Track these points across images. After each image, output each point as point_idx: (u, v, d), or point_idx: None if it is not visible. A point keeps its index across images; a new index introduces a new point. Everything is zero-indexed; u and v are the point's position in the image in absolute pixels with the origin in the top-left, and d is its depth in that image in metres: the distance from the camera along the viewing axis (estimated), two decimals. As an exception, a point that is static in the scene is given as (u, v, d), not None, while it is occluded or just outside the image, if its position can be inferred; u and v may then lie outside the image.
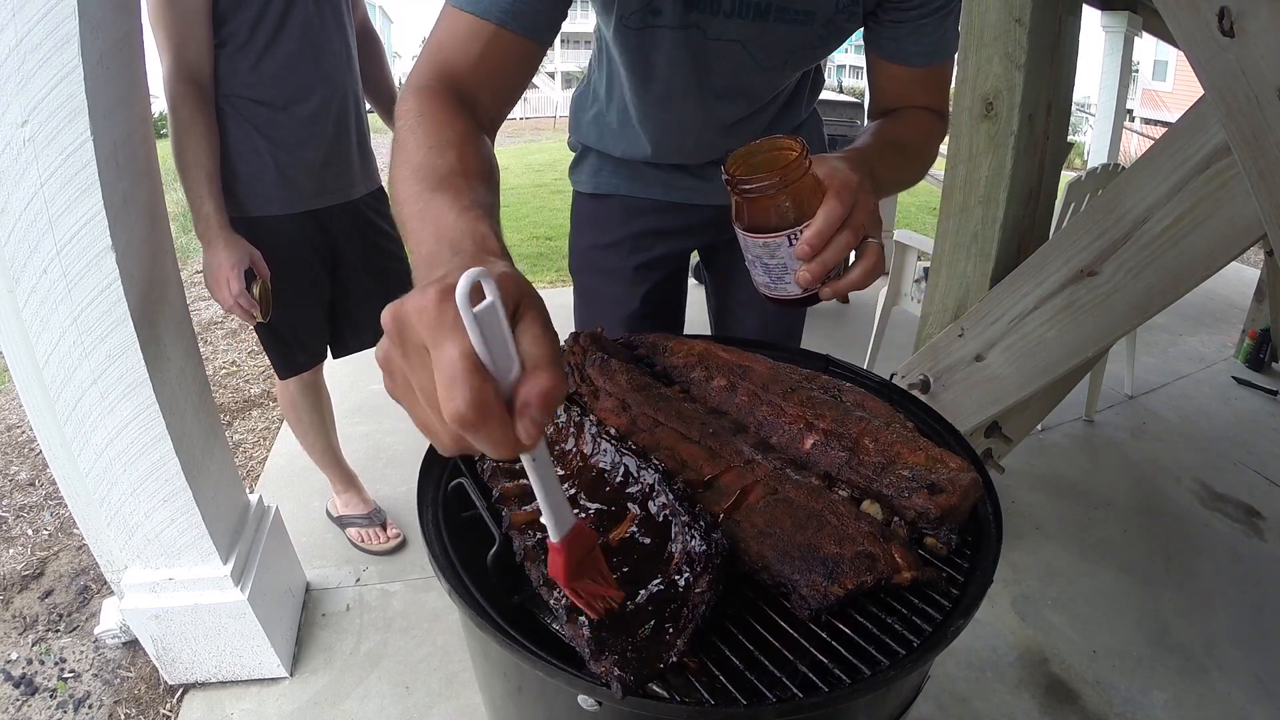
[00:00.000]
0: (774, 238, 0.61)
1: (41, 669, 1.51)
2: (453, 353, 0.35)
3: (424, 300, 0.36)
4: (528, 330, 0.38)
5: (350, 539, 1.86)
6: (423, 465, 0.75)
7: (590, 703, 0.52)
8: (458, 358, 0.35)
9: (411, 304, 0.37)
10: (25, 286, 1.05)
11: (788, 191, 0.60)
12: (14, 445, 2.39)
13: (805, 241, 0.60)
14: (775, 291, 0.66)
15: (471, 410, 0.34)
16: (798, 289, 0.64)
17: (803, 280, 0.62)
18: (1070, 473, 2.26)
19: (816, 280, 0.62)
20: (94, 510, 1.25)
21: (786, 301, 0.67)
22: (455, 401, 0.34)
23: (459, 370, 0.35)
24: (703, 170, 1.07)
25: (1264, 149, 0.88)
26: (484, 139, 0.64)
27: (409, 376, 0.38)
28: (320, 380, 1.72)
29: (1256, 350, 2.99)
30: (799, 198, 0.60)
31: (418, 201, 0.53)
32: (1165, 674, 1.52)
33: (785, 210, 0.60)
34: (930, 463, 0.65)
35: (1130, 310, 1.13)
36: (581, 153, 1.15)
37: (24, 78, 0.94)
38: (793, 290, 0.64)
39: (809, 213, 0.60)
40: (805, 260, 0.61)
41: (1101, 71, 4.24)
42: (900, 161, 0.81)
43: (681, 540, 0.58)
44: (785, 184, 0.59)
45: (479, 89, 0.67)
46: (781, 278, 0.64)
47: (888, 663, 0.52)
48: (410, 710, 1.40)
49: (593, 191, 1.14)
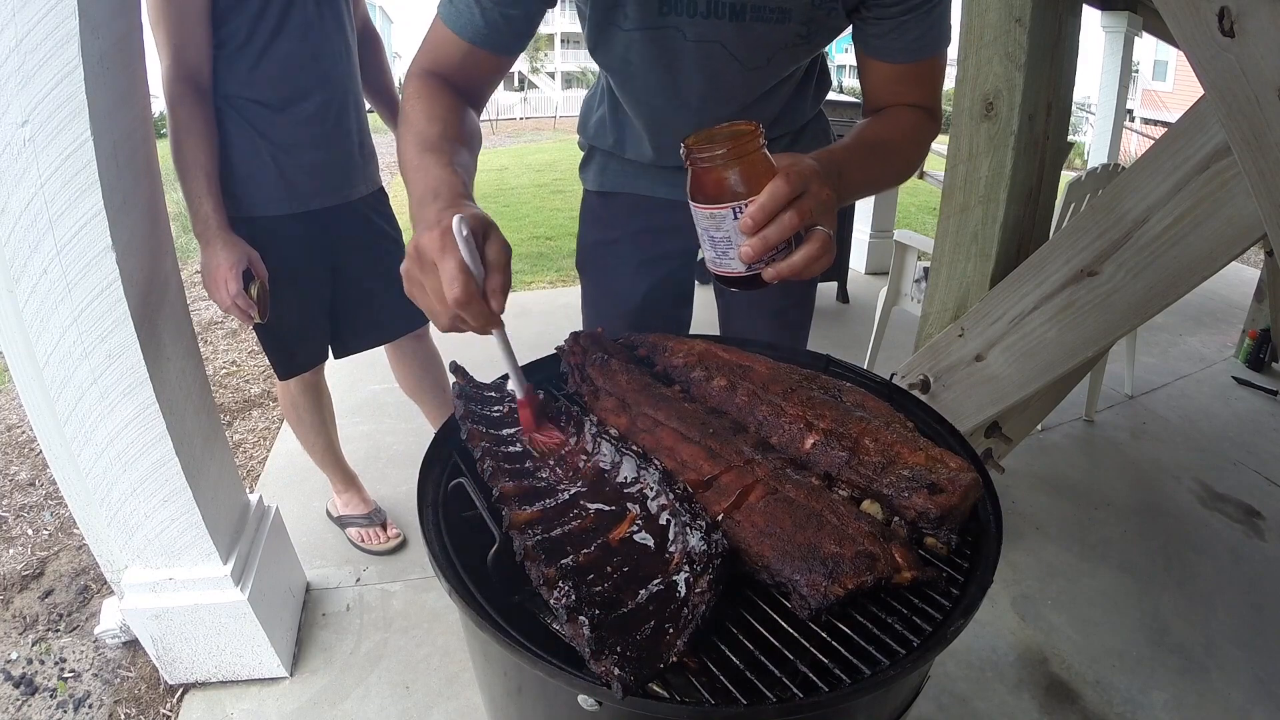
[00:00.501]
0: (720, 208, 0.63)
1: (41, 669, 1.51)
2: (450, 264, 0.60)
3: (430, 236, 0.61)
4: (491, 247, 0.63)
5: (350, 539, 1.86)
6: (423, 465, 0.75)
7: (590, 703, 0.52)
8: (454, 267, 0.60)
9: (424, 238, 0.61)
10: (25, 286, 1.05)
11: (737, 165, 0.62)
12: (14, 445, 2.39)
13: (748, 215, 0.62)
14: (720, 267, 0.68)
15: (463, 294, 0.60)
16: (741, 265, 0.65)
17: (744, 255, 0.63)
18: (1070, 473, 2.26)
19: (757, 255, 0.63)
20: (94, 510, 1.25)
21: (731, 280, 0.68)
22: (454, 290, 0.60)
23: (454, 273, 0.59)
24: None
25: (1264, 149, 0.88)
26: (468, 112, 0.83)
27: (423, 281, 0.62)
28: (321, 380, 1.72)
29: (1256, 350, 2.99)
30: (748, 173, 0.62)
31: (415, 159, 0.74)
32: (1165, 674, 1.52)
33: (733, 183, 0.62)
34: (930, 463, 0.65)
35: (1130, 310, 1.13)
36: (589, 152, 1.18)
37: (24, 78, 0.94)
38: (736, 266, 0.66)
39: (757, 190, 0.61)
40: (748, 235, 0.63)
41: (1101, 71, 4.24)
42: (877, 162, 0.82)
43: (682, 540, 0.58)
44: (735, 156, 0.62)
45: (460, 82, 0.85)
46: (726, 252, 0.66)
47: (888, 663, 0.52)
48: (410, 710, 1.40)
49: (599, 189, 1.17)
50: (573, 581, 0.55)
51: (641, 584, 0.56)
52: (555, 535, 0.62)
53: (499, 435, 0.76)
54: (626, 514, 0.64)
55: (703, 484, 0.66)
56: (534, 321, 3.45)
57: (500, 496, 0.66)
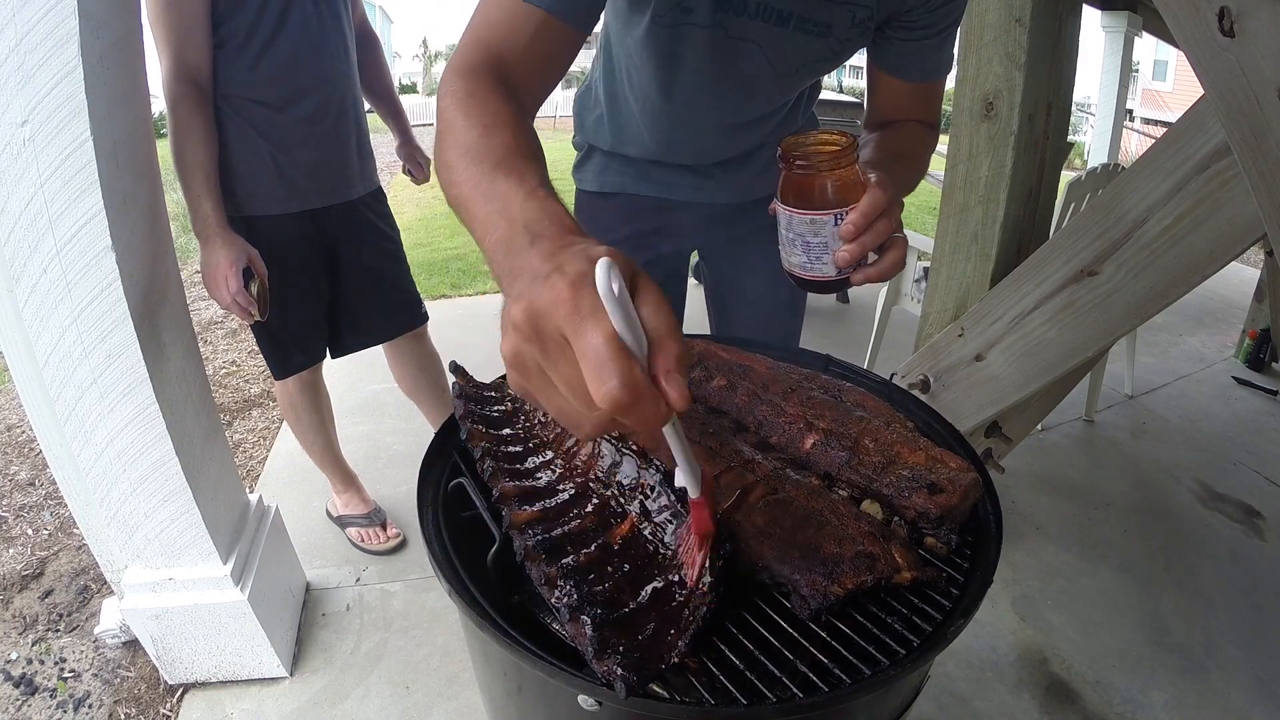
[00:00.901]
0: (822, 214, 0.65)
1: (41, 669, 1.51)
2: (597, 339, 0.35)
3: (557, 292, 0.37)
4: (646, 302, 0.38)
5: (350, 539, 1.86)
6: (423, 465, 0.75)
7: (590, 703, 0.52)
8: (603, 343, 0.35)
9: (545, 298, 0.37)
10: (25, 286, 1.05)
11: (836, 174, 0.64)
12: (14, 445, 2.39)
13: (850, 221, 0.64)
14: (810, 271, 0.69)
15: (625, 391, 0.35)
16: (833, 269, 0.67)
17: (841, 260, 0.66)
18: (1070, 473, 2.26)
19: (855, 260, 0.66)
20: (94, 510, 1.25)
21: (818, 283, 0.70)
22: (609, 385, 0.35)
23: (606, 355, 0.35)
24: (707, 170, 1.09)
25: (1264, 149, 0.88)
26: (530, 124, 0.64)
27: (546, 370, 0.38)
28: (319, 380, 1.72)
29: (1256, 350, 2.98)
30: (844, 182, 0.65)
31: (479, 182, 0.53)
32: (1165, 674, 1.52)
33: (832, 191, 0.65)
34: (930, 463, 0.65)
35: (1130, 310, 1.13)
36: (587, 152, 1.17)
37: (24, 77, 0.94)
38: (828, 271, 0.68)
39: (850, 199, 0.64)
40: (848, 240, 0.65)
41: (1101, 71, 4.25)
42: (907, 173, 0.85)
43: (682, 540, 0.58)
44: (836, 165, 0.64)
45: (525, 73, 0.67)
46: (820, 257, 0.68)
47: (888, 663, 0.52)
48: (410, 710, 1.40)
49: (597, 190, 1.16)
50: (574, 581, 0.55)
51: (642, 584, 0.56)
52: (555, 535, 0.62)
53: (499, 435, 0.76)
54: (627, 514, 0.64)
55: (703, 484, 0.66)
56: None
57: (500, 497, 0.66)
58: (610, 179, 1.14)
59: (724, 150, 1.05)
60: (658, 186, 1.11)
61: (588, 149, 1.16)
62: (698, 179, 1.10)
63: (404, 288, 1.74)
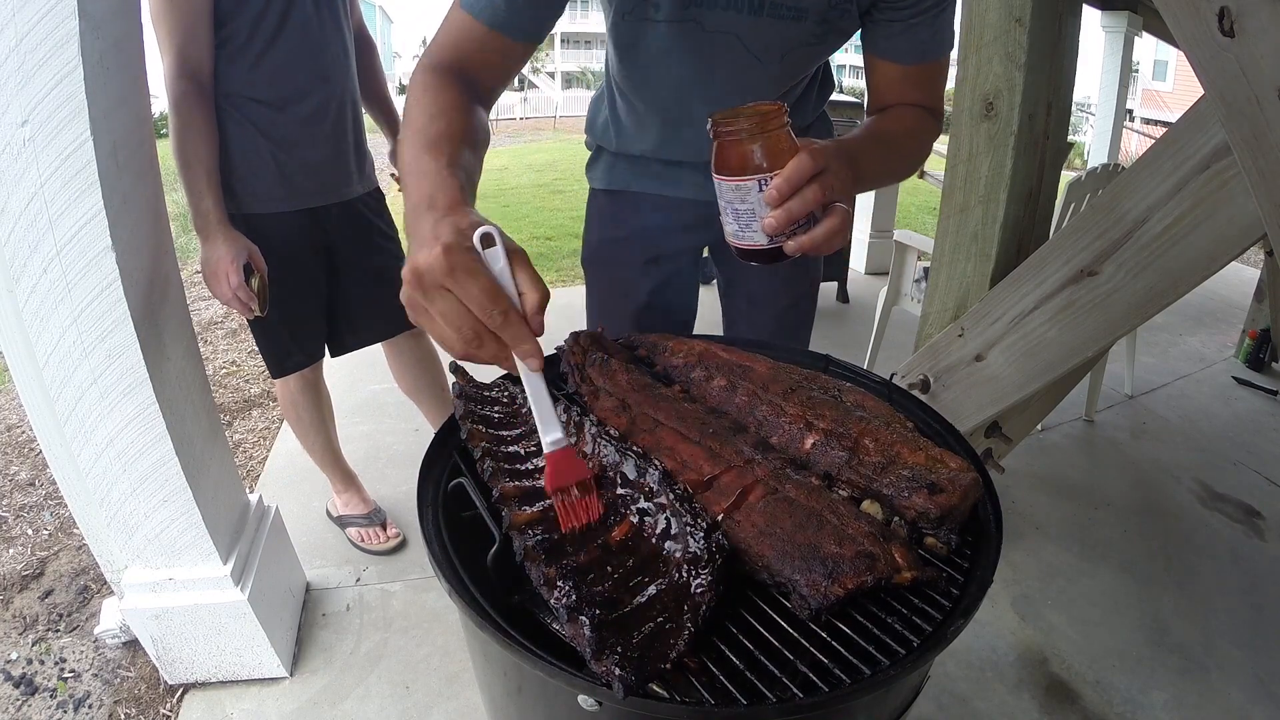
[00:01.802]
0: (745, 180, 0.65)
1: (41, 669, 1.51)
2: (475, 287, 0.51)
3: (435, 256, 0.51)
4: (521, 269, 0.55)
5: (350, 539, 1.86)
6: (423, 465, 0.75)
7: (590, 703, 0.52)
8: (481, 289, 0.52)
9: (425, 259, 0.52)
10: (25, 286, 1.05)
11: (762, 139, 0.64)
12: (14, 445, 2.39)
13: (774, 187, 0.63)
14: (742, 240, 0.69)
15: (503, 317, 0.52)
16: (764, 238, 0.67)
17: (768, 226, 0.65)
18: (1070, 473, 2.26)
19: (781, 227, 0.64)
20: (94, 510, 1.25)
21: (753, 252, 0.70)
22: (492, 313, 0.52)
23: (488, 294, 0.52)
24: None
25: (1264, 149, 0.88)
26: (476, 109, 0.77)
27: (429, 309, 0.53)
28: (320, 379, 1.72)
29: (1256, 350, 2.98)
30: (773, 149, 0.64)
31: (414, 159, 0.66)
32: (1165, 674, 1.52)
33: (758, 157, 0.64)
34: (930, 463, 0.65)
35: (1130, 310, 1.13)
36: (596, 151, 1.19)
37: (24, 78, 0.94)
38: (759, 239, 0.67)
39: (777, 165, 0.63)
40: (773, 206, 0.64)
41: (1101, 71, 4.25)
42: (886, 154, 0.84)
43: (682, 541, 0.58)
44: (760, 130, 0.63)
45: (478, 71, 0.80)
46: (750, 225, 0.67)
47: (888, 663, 0.52)
48: (410, 710, 1.40)
49: (606, 187, 1.18)
50: (573, 581, 0.55)
51: (642, 585, 0.56)
52: (555, 536, 0.62)
53: (499, 435, 0.76)
54: (626, 516, 0.64)
55: (703, 484, 0.66)
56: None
57: (500, 497, 0.66)
58: (618, 177, 1.16)
59: None
60: (664, 184, 1.13)
61: (596, 149, 1.19)
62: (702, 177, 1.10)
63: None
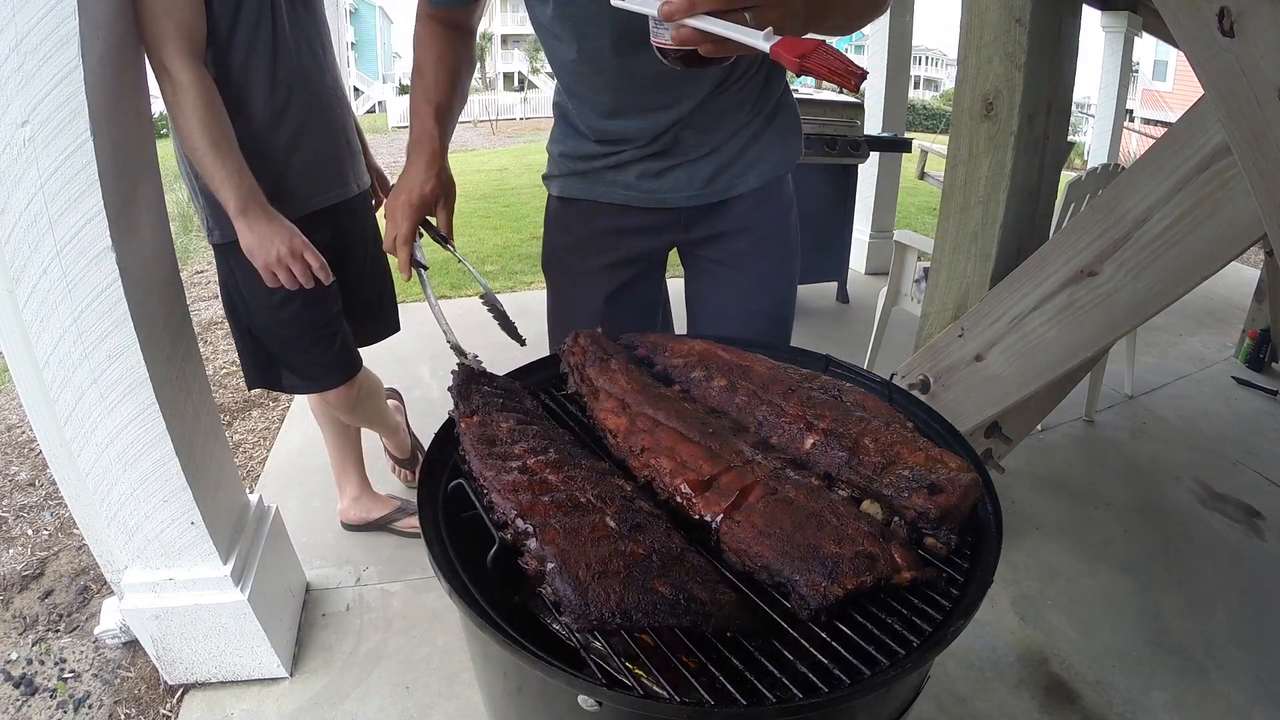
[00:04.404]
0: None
1: (41, 669, 1.51)
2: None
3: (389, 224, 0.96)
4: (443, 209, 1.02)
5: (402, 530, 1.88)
6: (423, 466, 0.75)
7: (590, 703, 0.52)
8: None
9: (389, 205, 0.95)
10: (25, 286, 1.05)
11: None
12: (14, 445, 2.39)
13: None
14: (657, 38, 0.64)
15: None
16: (666, 35, 0.61)
17: (663, 12, 0.58)
18: (1070, 473, 2.26)
19: (677, 10, 0.57)
20: (94, 510, 1.25)
21: (671, 54, 0.64)
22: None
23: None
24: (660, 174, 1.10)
25: (1264, 149, 0.88)
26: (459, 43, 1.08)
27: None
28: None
29: (1256, 350, 2.98)
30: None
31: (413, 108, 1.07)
32: (1165, 674, 1.52)
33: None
34: (930, 463, 0.65)
35: (1130, 310, 1.13)
36: (551, 159, 1.21)
37: (24, 78, 0.94)
38: (666, 36, 0.61)
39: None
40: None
41: (1101, 71, 4.25)
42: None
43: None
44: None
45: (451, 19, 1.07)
46: (661, 22, 0.61)
47: (888, 663, 0.52)
48: (410, 710, 1.40)
49: (559, 194, 1.20)
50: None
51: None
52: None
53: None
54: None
55: (703, 484, 0.66)
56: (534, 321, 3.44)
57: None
58: (570, 185, 1.17)
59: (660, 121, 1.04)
60: (613, 191, 1.13)
61: (550, 156, 1.21)
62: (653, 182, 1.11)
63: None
